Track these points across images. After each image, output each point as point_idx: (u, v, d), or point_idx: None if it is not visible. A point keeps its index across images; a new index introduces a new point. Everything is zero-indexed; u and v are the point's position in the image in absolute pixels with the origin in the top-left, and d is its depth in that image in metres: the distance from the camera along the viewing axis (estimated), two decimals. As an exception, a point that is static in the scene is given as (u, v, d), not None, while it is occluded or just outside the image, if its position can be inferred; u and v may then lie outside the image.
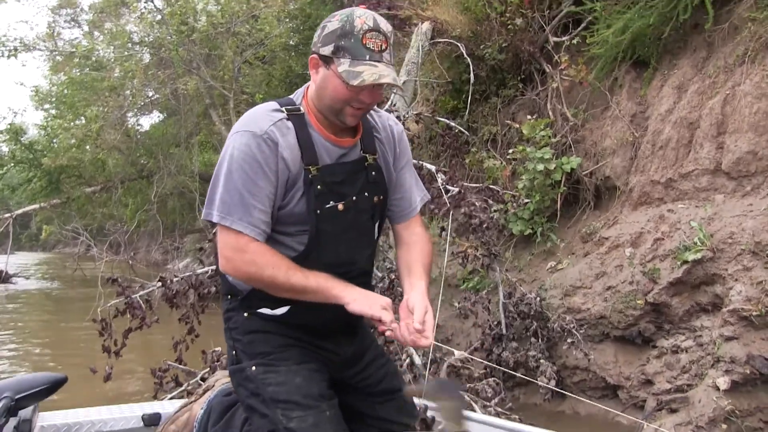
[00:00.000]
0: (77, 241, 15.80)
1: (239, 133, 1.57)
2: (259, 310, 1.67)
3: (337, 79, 1.53)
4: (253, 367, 1.63)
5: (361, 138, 1.71)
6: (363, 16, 1.53)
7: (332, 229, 1.63)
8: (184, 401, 2.12)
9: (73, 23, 18.31)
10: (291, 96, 1.70)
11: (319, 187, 1.59)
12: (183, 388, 3.64)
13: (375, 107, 1.77)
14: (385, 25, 1.56)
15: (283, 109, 1.62)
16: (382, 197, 1.75)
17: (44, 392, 1.98)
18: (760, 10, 4.80)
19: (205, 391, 2.09)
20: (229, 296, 1.73)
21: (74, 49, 15.62)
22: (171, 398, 3.37)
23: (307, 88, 1.68)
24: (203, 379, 3.46)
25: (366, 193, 1.70)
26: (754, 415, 3.73)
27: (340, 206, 1.62)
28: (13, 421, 1.93)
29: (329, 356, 1.73)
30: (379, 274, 5.46)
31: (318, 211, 1.60)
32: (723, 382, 3.78)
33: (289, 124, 1.60)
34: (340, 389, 1.74)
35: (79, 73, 14.98)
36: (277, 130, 1.57)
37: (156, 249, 19.19)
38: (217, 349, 3.88)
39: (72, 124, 14.14)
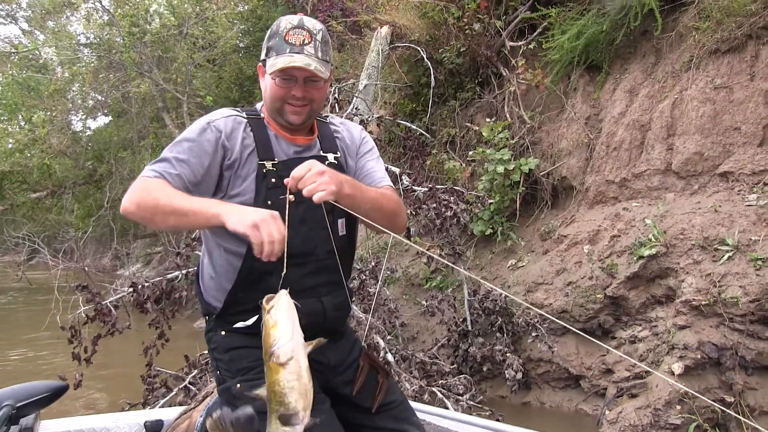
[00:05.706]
0: (19, 248, 15.15)
1: (196, 121, 1.72)
2: (235, 326, 1.69)
3: (270, 77, 1.68)
4: (238, 385, 1.65)
5: (319, 138, 1.81)
6: (289, 18, 1.69)
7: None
8: (184, 408, 2.15)
9: (9, 19, 17.59)
10: (256, 105, 1.84)
11: (273, 180, 1.66)
12: (173, 393, 3.62)
13: (337, 116, 1.84)
14: (312, 24, 1.69)
15: (243, 112, 1.75)
16: None
17: (45, 400, 1.99)
18: (703, 20, 5.13)
19: (204, 398, 2.12)
20: (207, 317, 1.76)
21: (15, 49, 15.04)
22: (162, 405, 3.34)
23: None
24: (192, 383, 3.47)
25: None
26: (704, 395, 4.02)
27: (291, 197, 1.62)
28: (14, 429, 1.93)
29: (313, 365, 1.67)
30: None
31: (269, 203, 1.63)
32: (677, 368, 4.06)
33: (243, 121, 1.71)
34: (336, 402, 1.75)
35: (18, 74, 14.41)
36: (224, 122, 1.68)
37: (105, 255, 18.62)
38: (204, 352, 3.86)
39: (17, 128, 13.59)
